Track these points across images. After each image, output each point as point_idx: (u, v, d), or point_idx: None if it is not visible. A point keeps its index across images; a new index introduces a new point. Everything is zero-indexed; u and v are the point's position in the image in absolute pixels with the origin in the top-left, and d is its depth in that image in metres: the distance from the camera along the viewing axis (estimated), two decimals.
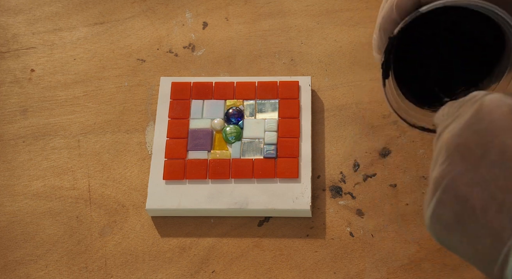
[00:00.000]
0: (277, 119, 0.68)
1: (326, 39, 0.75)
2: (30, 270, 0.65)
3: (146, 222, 0.66)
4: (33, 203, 0.68)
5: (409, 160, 0.67)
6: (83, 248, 0.65)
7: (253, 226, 0.65)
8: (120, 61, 0.75)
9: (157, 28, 0.77)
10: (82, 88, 0.74)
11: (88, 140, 0.71)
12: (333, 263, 0.63)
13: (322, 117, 0.70)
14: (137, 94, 0.73)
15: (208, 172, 0.66)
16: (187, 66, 0.74)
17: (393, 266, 0.62)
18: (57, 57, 0.76)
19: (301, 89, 0.70)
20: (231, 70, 0.73)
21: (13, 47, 0.77)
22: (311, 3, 0.77)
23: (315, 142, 0.69)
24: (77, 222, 0.67)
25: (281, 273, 0.63)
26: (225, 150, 0.67)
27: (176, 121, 0.69)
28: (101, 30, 0.77)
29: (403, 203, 0.65)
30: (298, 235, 0.64)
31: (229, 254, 0.64)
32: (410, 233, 0.64)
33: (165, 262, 0.64)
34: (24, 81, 0.74)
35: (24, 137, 0.71)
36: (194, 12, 0.77)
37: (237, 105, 0.69)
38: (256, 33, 0.76)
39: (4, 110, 0.73)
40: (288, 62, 0.73)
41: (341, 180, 0.67)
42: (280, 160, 0.66)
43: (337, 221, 0.65)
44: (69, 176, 0.69)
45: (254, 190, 0.65)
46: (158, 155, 0.67)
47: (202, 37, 0.76)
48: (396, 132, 0.69)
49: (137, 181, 0.68)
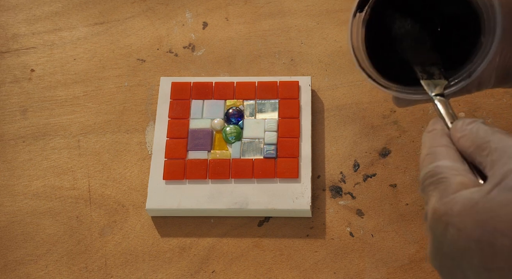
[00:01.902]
0: (277, 119, 0.68)
1: (326, 39, 0.75)
2: (30, 270, 0.65)
3: (146, 222, 0.66)
4: (33, 203, 0.68)
5: (409, 160, 0.67)
6: (83, 248, 0.65)
7: (253, 226, 0.65)
8: (120, 61, 0.75)
9: (157, 28, 0.77)
10: (82, 88, 0.74)
11: (88, 140, 0.71)
12: (333, 263, 0.63)
13: (322, 117, 0.70)
14: (137, 94, 0.73)
15: (208, 172, 0.66)
16: (187, 66, 0.74)
17: (393, 266, 0.62)
18: (57, 57, 0.76)
19: (301, 89, 0.70)
20: (231, 70, 0.73)
21: (13, 47, 0.77)
22: (311, 3, 0.77)
23: (315, 142, 0.69)
24: (77, 222, 0.67)
25: (281, 273, 0.63)
26: (225, 150, 0.67)
27: (176, 121, 0.69)
28: (101, 30, 0.77)
29: (403, 203, 0.65)
30: (298, 235, 0.64)
31: (229, 254, 0.64)
32: (410, 233, 0.64)
33: (165, 262, 0.64)
34: (24, 81, 0.74)
35: (24, 137, 0.71)
36: (194, 12, 0.77)
37: (237, 105, 0.69)
38: (256, 33, 0.76)
39: (4, 110, 0.73)
40: (288, 62, 0.73)
41: (341, 180, 0.67)
42: (280, 160, 0.66)
43: (337, 221, 0.65)
44: (69, 176, 0.69)
45: (254, 190, 0.65)
46: (158, 155, 0.67)
47: (202, 37, 0.76)
48: (396, 132, 0.69)
49: (137, 181, 0.68)
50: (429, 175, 0.43)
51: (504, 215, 0.38)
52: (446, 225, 0.41)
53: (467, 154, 0.43)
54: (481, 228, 0.39)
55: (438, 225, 0.41)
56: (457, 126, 0.45)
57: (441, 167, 0.43)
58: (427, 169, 0.44)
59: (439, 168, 0.43)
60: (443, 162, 0.43)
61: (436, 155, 0.44)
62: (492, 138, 0.42)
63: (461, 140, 0.44)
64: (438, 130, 0.46)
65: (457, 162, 0.43)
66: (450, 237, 0.40)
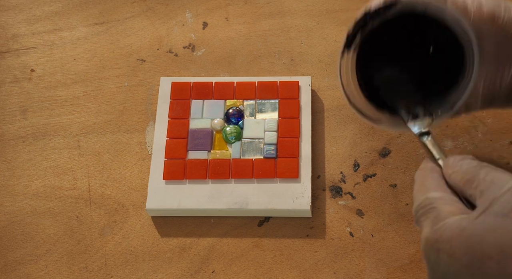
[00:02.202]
0: (277, 119, 0.68)
1: (326, 39, 0.75)
2: (30, 270, 0.65)
3: (146, 222, 0.66)
4: (33, 203, 0.68)
5: (409, 160, 0.67)
6: (83, 248, 0.65)
7: (253, 226, 0.65)
8: (120, 61, 0.75)
9: (157, 28, 0.77)
10: (82, 88, 0.74)
11: (88, 140, 0.71)
12: (333, 263, 0.63)
13: (322, 117, 0.70)
14: (137, 94, 0.73)
15: (208, 172, 0.66)
16: (187, 66, 0.74)
17: (393, 266, 0.62)
18: (57, 57, 0.76)
19: (301, 89, 0.70)
20: (231, 70, 0.73)
21: (13, 47, 0.77)
22: (311, 3, 0.77)
23: (315, 142, 0.69)
24: (77, 222, 0.67)
25: (281, 273, 0.63)
26: (225, 150, 0.67)
27: (176, 121, 0.69)
28: (101, 30, 0.77)
29: (403, 203, 0.65)
30: (298, 235, 0.64)
31: (229, 254, 0.64)
32: (410, 233, 0.64)
33: (165, 262, 0.64)
34: (24, 81, 0.74)
35: (24, 137, 0.71)
36: (194, 12, 0.77)
37: (237, 105, 0.69)
38: (256, 33, 0.76)
39: (4, 110, 0.73)
40: (288, 62, 0.73)
41: (341, 180, 0.67)
42: (280, 160, 0.66)
43: (337, 221, 0.65)
44: (69, 176, 0.69)
45: (254, 190, 0.65)
46: (158, 155, 0.67)
47: (202, 37, 0.76)
48: (396, 132, 0.69)
49: (137, 181, 0.68)
50: (421, 207, 0.46)
51: (490, 239, 0.40)
52: (437, 251, 0.42)
53: (458, 188, 0.46)
54: (470, 253, 0.40)
55: (430, 252, 0.43)
56: (448, 163, 0.47)
57: (431, 198, 0.45)
58: (418, 201, 0.46)
59: (429, 199, 0.45)
60: (432, 194, 0.46)
61: (426, 188, 0.46)
62: (480, 172, 0.44)
63: (453, 176, 0.46)
64: (428, 167, 0.48)
65: (446, 193, 0.46)
66: (442, 264, 0.42)
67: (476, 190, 0.43)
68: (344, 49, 0.53)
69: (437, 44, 0.54)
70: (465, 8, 0.50)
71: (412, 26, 0.54)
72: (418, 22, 0.53)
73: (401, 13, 0.53)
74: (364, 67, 0.54)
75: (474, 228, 0.41)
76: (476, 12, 0.50)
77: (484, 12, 0.50)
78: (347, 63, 0.54)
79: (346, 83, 0.54)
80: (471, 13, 0.50)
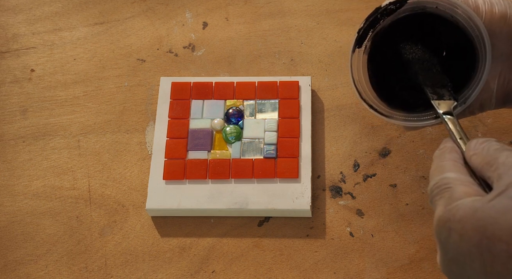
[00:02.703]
0: (277, 119, 0.68)
1: (326, 39, 0.75)
2: (30, 270, 0.65)
3: (146, 222, 0.66)
4: (33, 203, 0.68)
5: (409, 160, 0.67)
6: (83, 248, 0.65)
7: (253, 226, 0.65)
8: (120, 61, 0.75)
9: (157, 28, 0.77)
10: (82, 88, 0.74)
11: (88, 140, 0.71)
12: (333, 263, 0.63)
13: (322, 117, 0.70)
14: (137, 94, 0.73)
15: (208, 172, 0.66)
16: (187, 66, 0.74)
17: (393, 266, 0.62)
18: (57, 57, 0.76)
19: (301, 89, 0.70)
20: (231, 70, 0.73)
21: (13, 47, 0.77)
22: (311, 3, 0.77)
23: (315, 142, 0.69)
24: (77, 222, 0.67)
25: (281, 273, 0.63)
26: (225, 150, 0.67)
27: (176, 121, 0.69)
28: (101, 30, 0.77)
29: (403, 203, 0.65)
30: (298, 235, 0.64)
31: (229, 254, 0.64)
32: (410, 233, 0.64)
33: (165, 262, 0.64)
34: (24, 81, 0.74)
35: (24, 137, 0.71)
36: (194, 12, 0.77)
37: (237, 105, 0.69)
38: (256, 33, 0.76)
39: (4, 110, 0.73)
40: (288, 62, 0.73)
41: (341, 180, 0.67)
42: (280, 160, 0.66)
43: (337, 221, 0.65)
44: (69, 176, 0.69)
45: (254, 190, 0.65)
46: (158, 155, 0.67)
47: (202, 37, 0.76)
48: (396, 132, 0.69)
49: (137, 181, 0.68)
50: (436, 186, 0.46)
51: (503, 222, 0.40)
52: (449, 231, 0.42)
53: (478, 170, 0.46)
54: (481, 233, 0.40)
55: (442, 231, 0.43)
56: (470, 145, 0.47)
57: (447, 178, 0.45)
58: (434, 181, 0.46)
59: (445, 179, 0.45)
60: (449, 174, 0.45)
61: (443, 168, 0.46)
62: (500, 155, 0.44)
63: (473, 158, 0.46)
64: (447, 147, 0.48)
65: (462, 174, 0.46)
66: (453, 243, 0.42)
67: (495, 173, 0.43)
68: (355, 46, 0.54)
69: (448, 43, 0.54)
70: (477, 7, 0.51)
71: (423, 25, 0.54)
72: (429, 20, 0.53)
73: (412, 9, 0.53)
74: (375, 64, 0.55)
75: (487, 210, 0.41)
76: (488, 12, 0.50)
77: (496, 13, 0.51)
78: (358, 59, 0.55)
79: (358, 79, 0.54)
80: (483, 12, 0.51)
